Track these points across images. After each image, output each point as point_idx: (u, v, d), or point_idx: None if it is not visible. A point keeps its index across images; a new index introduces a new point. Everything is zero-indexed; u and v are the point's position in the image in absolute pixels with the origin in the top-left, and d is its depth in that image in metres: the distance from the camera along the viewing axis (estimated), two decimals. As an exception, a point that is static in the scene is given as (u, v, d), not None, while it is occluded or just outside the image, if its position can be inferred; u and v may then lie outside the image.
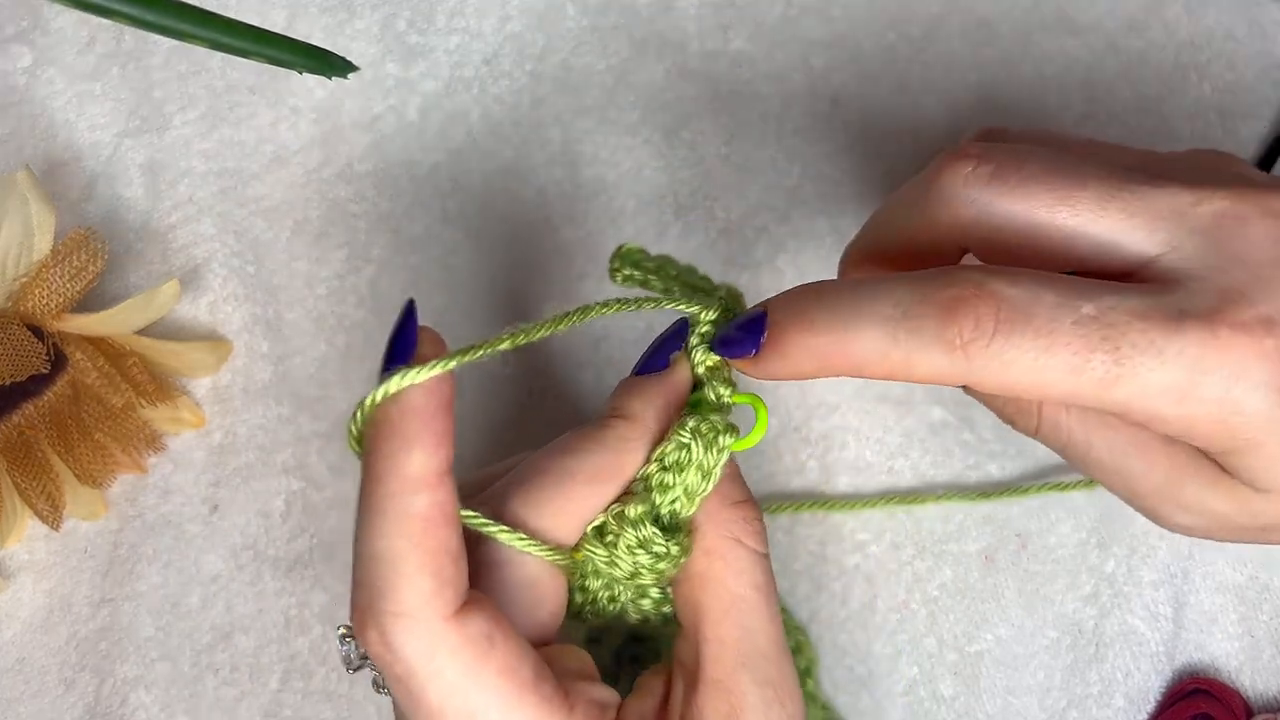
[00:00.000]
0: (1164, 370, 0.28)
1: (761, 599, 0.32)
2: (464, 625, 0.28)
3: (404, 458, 0.27)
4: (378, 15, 0.50)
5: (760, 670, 0.32)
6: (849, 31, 0.50)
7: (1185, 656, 0.46)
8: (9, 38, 0.50)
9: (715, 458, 0.33)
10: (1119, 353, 0.28)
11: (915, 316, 0.29)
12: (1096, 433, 0.33)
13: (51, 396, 0.45)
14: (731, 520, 0.33)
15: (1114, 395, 0.28)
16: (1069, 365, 0.28)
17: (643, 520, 0.33)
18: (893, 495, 0.47)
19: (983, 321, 0.28)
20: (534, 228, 0.48)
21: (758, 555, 0.33)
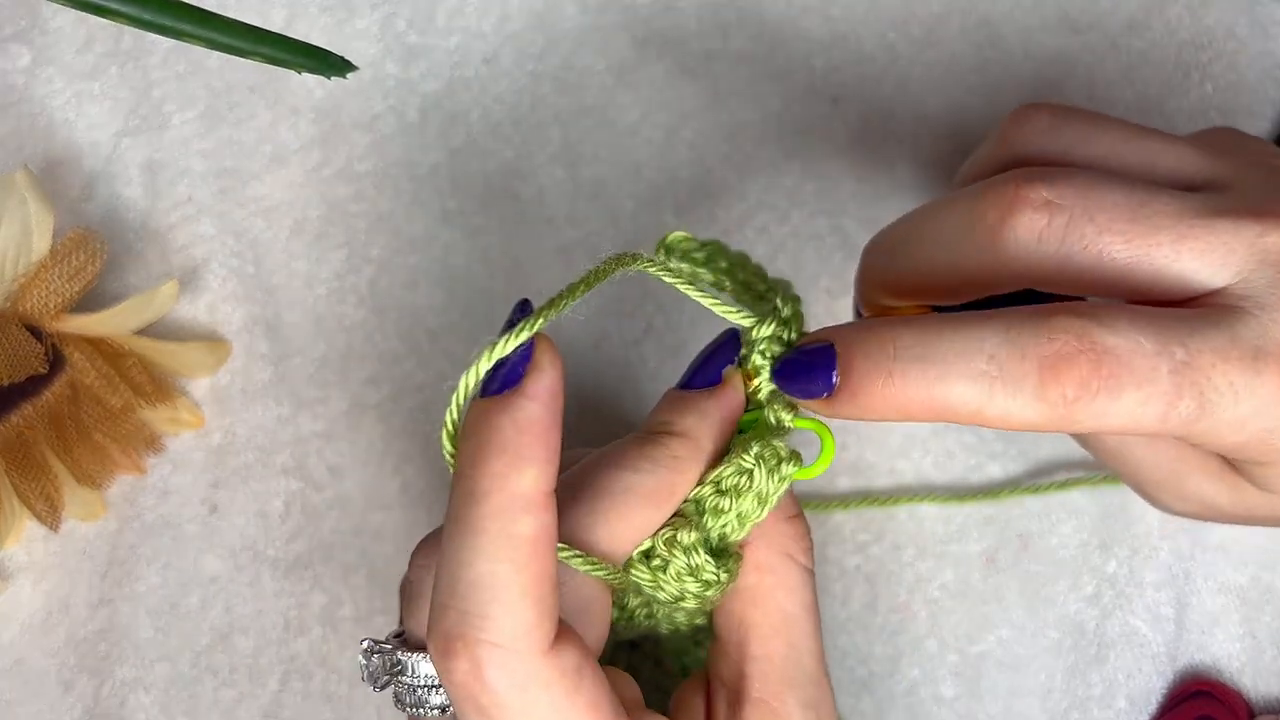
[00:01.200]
0: (1237, 408, 0.29)
1: (810, 618, 0.32)
2: (559, 658, 0.26)
3: (515, 476, 0.25)
4: (377, 15, 0.50)
5: (806, 692, 0.32)
6: (849, 31, 0.49)
7: (1187, 658, 0.45)
8: (7, 37, 0.50)
9: (776, 485, 0.32)
10: (1203, 397, 0.29)
11: (1014, 376, 0.29)
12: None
13: (50, 397, 0.44)
14: (785, 536, 0.33)
15: (1188, 430, 0.29)
16: (1160, 412, 0.29)
17: (695, 547, 0.31)
18: (890, 497, 0.46)
19: (1088, 381, 0.28)
20: (534, 228, 0.48)
21: (808, 573, 0.33)
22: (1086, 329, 0.29)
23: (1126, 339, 0.29)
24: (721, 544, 0.32)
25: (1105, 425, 0.29)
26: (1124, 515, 0.46)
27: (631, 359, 0.48)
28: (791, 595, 0.32)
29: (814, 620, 0.33)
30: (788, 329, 0.33)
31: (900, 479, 0.46)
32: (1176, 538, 0.46)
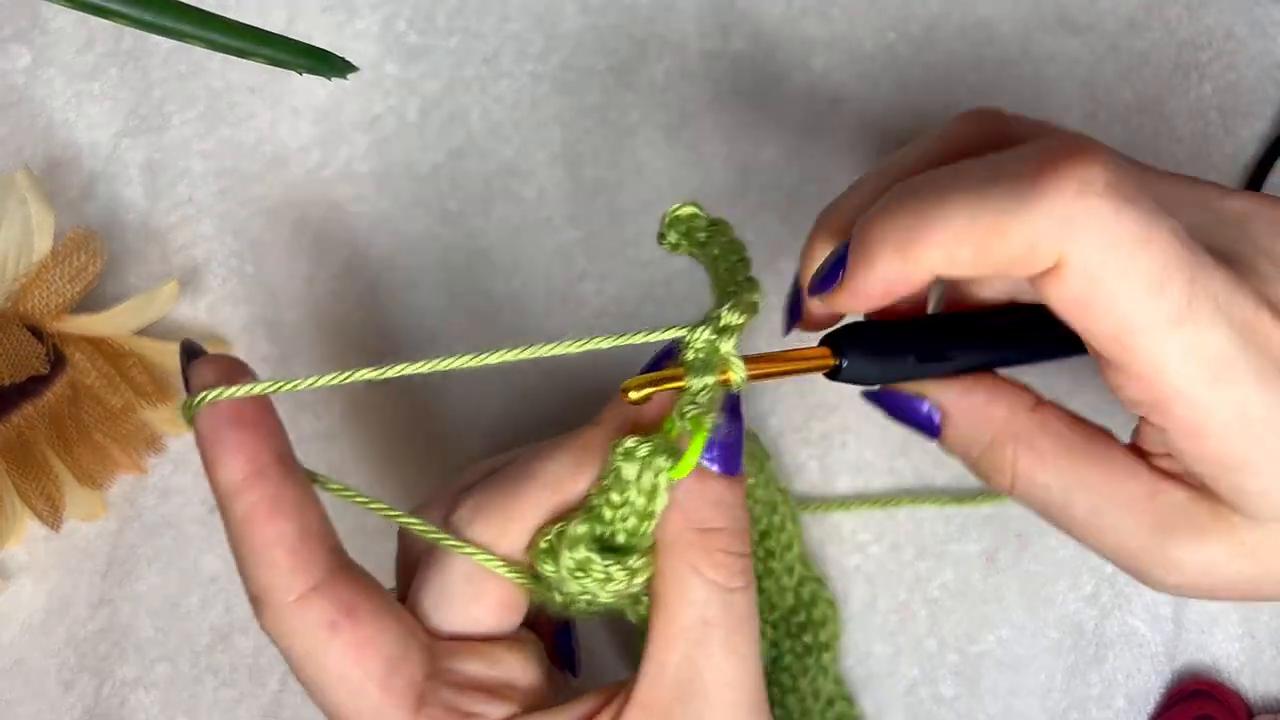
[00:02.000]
0: (1215, 329, 0.26)
1: (714, 635, 0.31)
2: (305, 610, 0.30)
3: (215, 474, 0.31)
4: (378, 15, 0.50)
5: (695, 709, 0.30)
6: (849, 32, 0.49)
7: (1186, 657, 0.45)
8: (8, 37, 0.50)
9: (651, 479, 0.31)
10: (1192, 287, 0.26)
11: (1005, 172, 0.27)
12: (1076, 491, 0.31)
13: (51, 397, 0.44)
14: (692, 546, 0.31)
15: (1168, 340, 0.26)
16: (1151, 277, 0.26)
17: (582, 541, 0.31)
18: (890, 497, 0.46)
19: (1091, 177, 0.26)
20: (534, 228, 0.48)
21: (715, 587, 0.31)
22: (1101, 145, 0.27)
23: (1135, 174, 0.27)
24: (630, 541, 0.32)
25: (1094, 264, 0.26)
26: (1123, 515, 0.46)
27: (632, 359, 0.48)
28: (689, 608, 0.31)
29: (724, 639, 0.31)
30: (723, 337, 0.32)
31: (900, 478, 0.46)
32: (1176, 537, 0.46)
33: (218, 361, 0.31)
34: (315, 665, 0.31)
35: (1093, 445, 0.32)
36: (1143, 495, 0.30)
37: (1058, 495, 0.31)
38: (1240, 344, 0.27)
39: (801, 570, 0.44)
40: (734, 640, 0.31)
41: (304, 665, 0.31)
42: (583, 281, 0.48)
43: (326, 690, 0.31)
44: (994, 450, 0.32)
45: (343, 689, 0.31)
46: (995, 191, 0.27)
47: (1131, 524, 0.30)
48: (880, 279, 0.29)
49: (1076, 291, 0.27)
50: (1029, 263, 0.27)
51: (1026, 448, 0.32)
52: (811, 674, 0.44)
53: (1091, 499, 0.31)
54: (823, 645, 0.44)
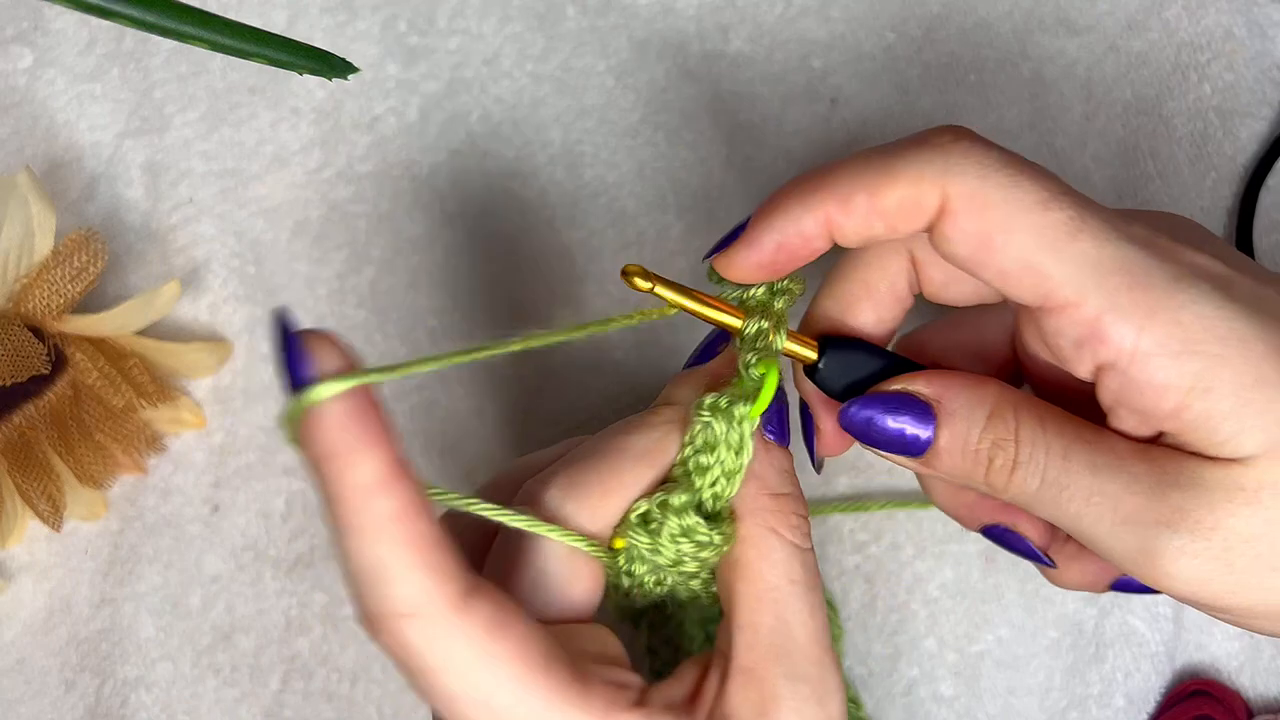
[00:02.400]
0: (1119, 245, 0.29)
1: (798, 592, 0.32)
2: (470, 613, 0.28)
3: (351, 475, 0.26)
4: (378, 16, 0.50)
5: (794, 664, 0.31)
6: (848, 32, 0.50)
7: (1186, 657, 0.46)
8: (9, 38, 0.50)
9: (737, 429, 0.33)
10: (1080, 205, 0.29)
11: (889, 145, 0.30)
12: (1074, 449, 0.31)
13: (52, 397, 0.45)
14: (769, 510, 0.33)
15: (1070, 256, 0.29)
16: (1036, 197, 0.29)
17: (686, 509, 0.33)
18: (889, 499, 0.47)
19: (960, 131, 0.30)
20: (535, 229, 0.48)
21: (795, 548, 0.33)
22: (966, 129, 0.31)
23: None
24: (716, 506, 0.33)
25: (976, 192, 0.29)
26: (1122, 515, 0.46)
27: (633, 360, 0.48)
28: (774, 568, 0.32)
29: (804, 594, 0.32)
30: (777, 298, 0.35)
31: (899, 476, 0.47)
32: (1175, 537, 0.46)
33: (337, 344, 0.28)
34: (485, 674, 0.28)
35: (1082, 420, 0.32)
36: (1137, 451, 0.31)
37: (1058, 455, 0.31)
38: (1148, 253, 0.29)
39: None
40: (814, 596, 0.32)
41: (468, 677, 0.28)
42: (583, 283, 0.48)
43: (494, 699, 0.28)
44: (995, 422, 0.32)
45: (515, 693, 0.28)
46: (881, 153, 0.30)
47: (1129, 480, 0.30)
48: (779, 230, 0.32)
49: (968, 226, 0.29)
50: (918, 207, 0.30)
51: (1026, 411, 0.32)
52: None
53: (1090, 455, 0.31)
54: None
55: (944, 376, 0.33)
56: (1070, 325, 0.29)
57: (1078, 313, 0.29)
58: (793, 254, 0.33)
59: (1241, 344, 0.29)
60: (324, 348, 0.27)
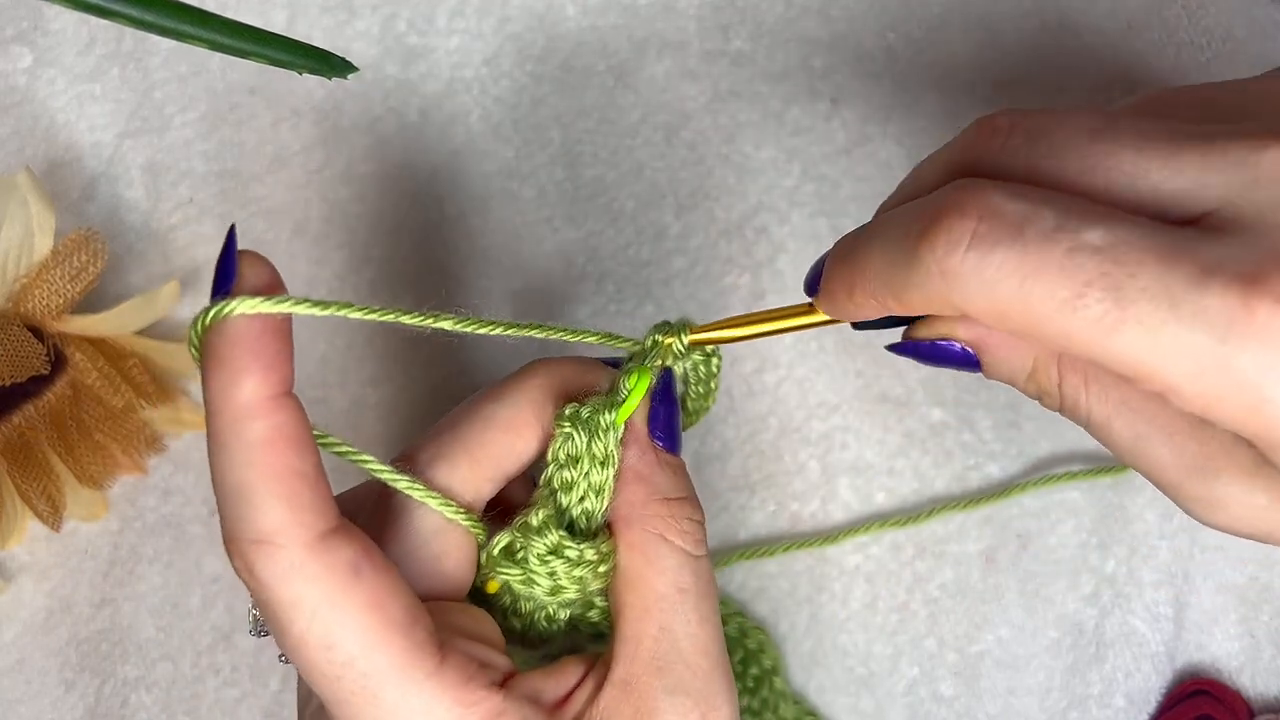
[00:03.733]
0: (1178, 331, 0.23)
1: (687, 601, 0.31)
2: (326, 552, 0.27)
3: (234, 389, 0.26)
4: (378, 16, 0.50)
5: (677, 677, 0.30)
6: (849, 32, 0.50)
7: (1186, 657, 0.46)
8: (9, 38, 0.50)
9: (602, 439, 0.32)
10: (1121, 294, 0.23)
11: (903, 237, 0.27)
12: (1117, 414, 0.29)
13: (52, 397, 0.45)
14: (658, 516, 0.32)
15: (1116, 347, 0.24)
16: (1060, 297, 0.24)
17: (547, 526, 0.31)
18: (887, 519, 0.46)
19: (955, 234, 0.25)
20: (534, 228, 0.48)
21: (686, 555, 0.32)
22: (982, 190, 0.25)
23: (1023, 205, 0.25)
24: (589, 523, 0.32)
25: (999, 302, 0.25)
26: (1123, 515, 0.46)
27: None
28: (662, 576, 0.31)
29: (694, 604, 0.31)
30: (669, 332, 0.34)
31: (899, 478, 0.47)
32: (1175, 537, 0.46)
33: (264, 265, 0.28)
34: (334, 617, 0.27)
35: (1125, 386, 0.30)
36: (1187, 426, 0.28)
37: (1099, 416, 0.30)
38: (1218, 339, 0.23)
39: (723, 609, 0.44)
40: (704, 606, 0.31)
41: (318, 619, 0.27)
42: (582, 281, 0.48)
43: (341, 646, 0.27)
44: (1038, 374, 0.30)
45: (363, 642, 0.27)
46: (896, 256, 0.27)
47: (1173, 457, 0.29)
48: (842, 310, 0.30)
49: (1001, 329, 0.26)
50: (943, 311, 0.27)
51: (1069, 367, 0.30)
52: (772, 704, 0.44)
53: (1134, 425, 0.29)
54: (770, 672, 0.44)
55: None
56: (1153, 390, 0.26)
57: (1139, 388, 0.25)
58: (865, 319, 0.30)
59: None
60: (254, 266, 0.28)
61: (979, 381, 0.47)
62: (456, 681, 0.28)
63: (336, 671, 0.27)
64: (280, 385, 0.27)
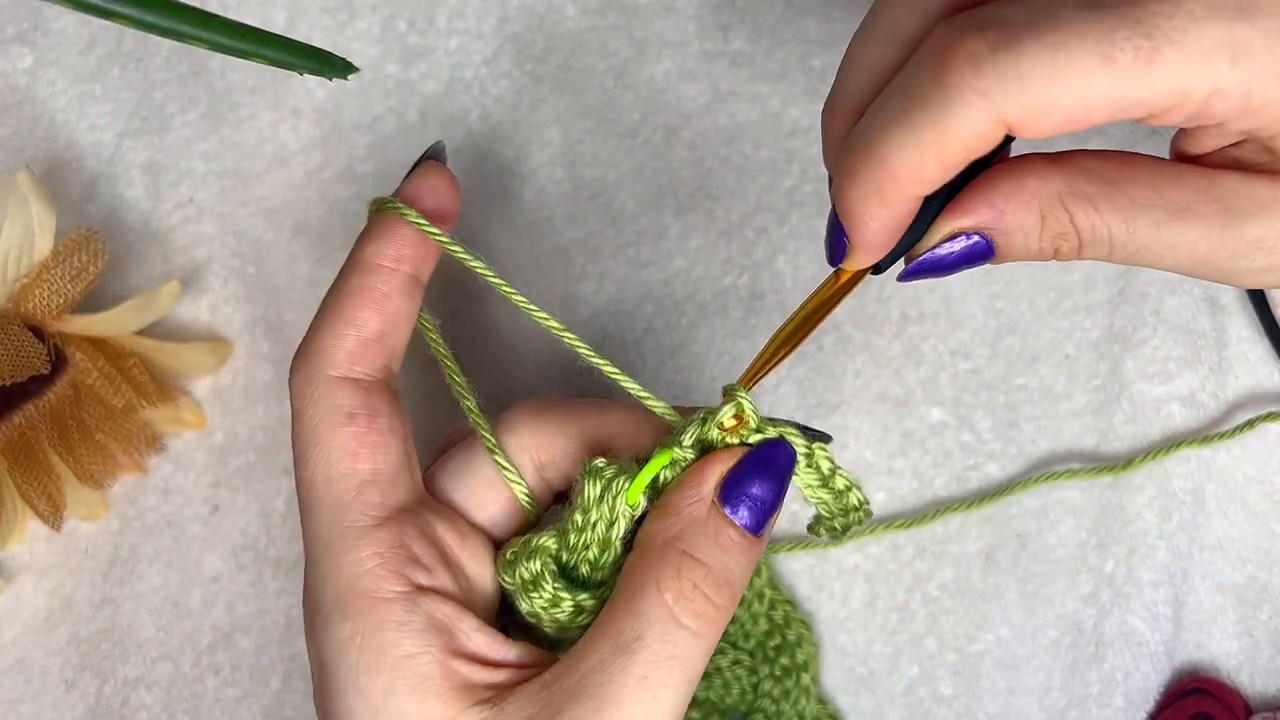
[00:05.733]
0: (1202, 29, 0.26)
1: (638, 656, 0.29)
2: (337, 389, 0.32)
3: (364, 246, 0.34)
4: (378, 16, 0.50)
5: (583, 713, 0.29)
6: (849, 31, 0.49)
7: (1185, 656, 0.46)
8: (10, 39, 0.50)
9: (610, 504, 0.31)
10: (1143, 24, 0.26)
11: (917, 92, 0.28)
12: (1135, 216, 0.30)
13: (52, 397, 0.45)
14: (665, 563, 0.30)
15: (1159, 76, 0.26)
16: (1095, 57, 0.26)
17: (541, 554, 0.31)
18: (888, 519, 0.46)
19: (975, 50, 0.26)
20: (534, 228, 0.48)
21: (666, 612, 0.30)
22: (969, 14, 0.27)
23: (1015, 7, 0.27)
24: (590, 571, 0.32)
25: (1041, 95, 0.26)
26: (1122, 515, 0.46)
27: (631, 359, 0.48)
28: (629, 618, 0.30)
29: (649, 667, 0.29)
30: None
31: (899, 478, 0.47)
32: (1174, 537, 0.46)
33: (443, 191, 0.35)
34: (315, 438, 0.32)
35: (1129, 167, 0.31)
36: (1199, 193, 0.30)
37: (1120, 230, 0.30)
38: (1236, 18, 0.26)
39: (772, 594, 0.45)
40: (655, 673, 0.29)
41: (306, 433, 0.32)
42: (582, 282, 0.48)
43: (310, 465, 0.32)
44: (1049, 222, 0.31)
45: (324, 472, 0.32)
46: (917, 116, 0.28)
47: (1199, 226, 0.30)
48: (879, 230, 0.30)
49: (1046, 127, 0.27)
50: (987, 144, 0.28)
51: (1073, 198, 0.30)
52: (794, 696, 0.44)
53: (1152, 217, 0.30)
54: (801, 666, 0.44)
55: (983, 197, 0.31)
56: (1189, 121, 0.28)
57: (1183, 112, 0.27)
58: (899, 232, 0.31)
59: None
60: (435, 190, 0.35)
61: (978, 381, 0.47)
62: (371, 552, 0.31)
63: (300, 483, 0.32)
64: (395, 261, 0.34)
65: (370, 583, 0.31)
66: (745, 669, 0.44)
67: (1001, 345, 0.47)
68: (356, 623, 0.30)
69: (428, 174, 0.35)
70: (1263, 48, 0.26)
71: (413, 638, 0.30)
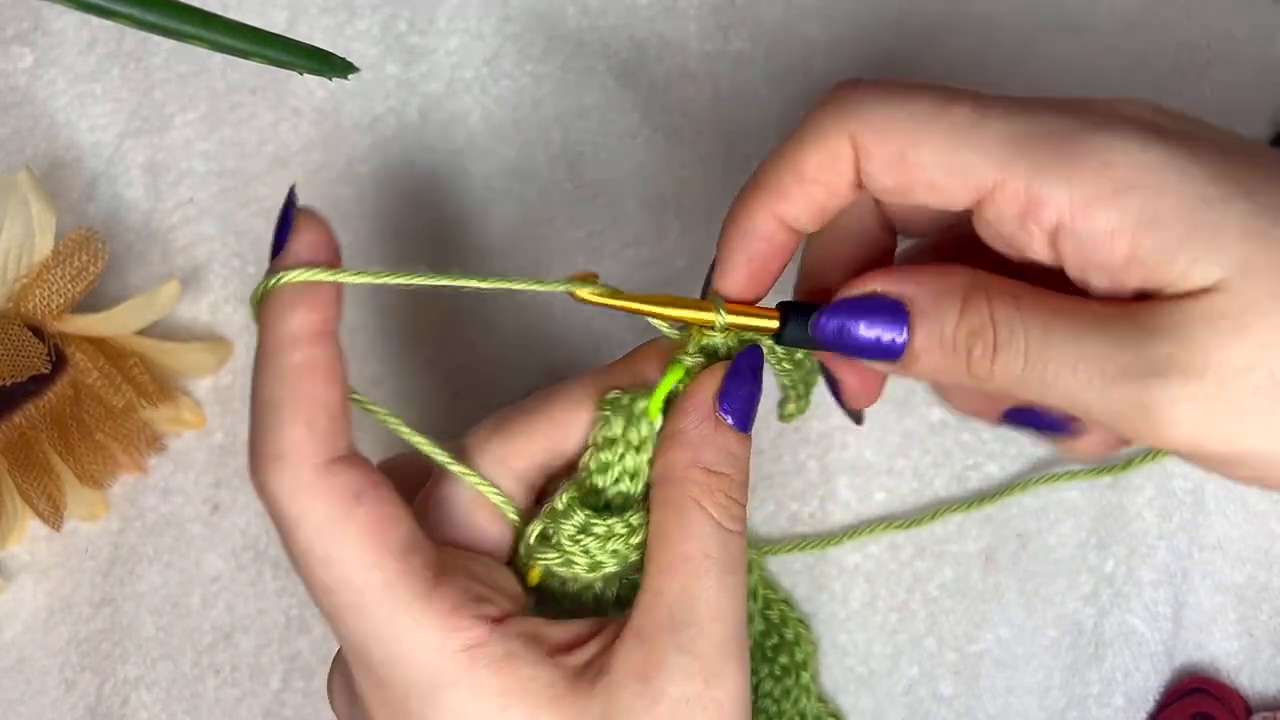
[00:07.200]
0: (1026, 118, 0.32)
1: (711, 568, 0.31)
2: (332, 475, 0.30)
3: (281, 321, 0.30)
4: (378, 16, 0.50)
5: (689, 639, 0.31)
6: (849, 33, 0.50)
7: (1184, 656, 0.46)
8: (10, 38, 0.50)
9: (636, 425, 0.33)
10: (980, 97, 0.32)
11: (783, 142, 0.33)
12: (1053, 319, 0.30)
13: (52, 397, 0.45)
14: (697, 482, 0.32)
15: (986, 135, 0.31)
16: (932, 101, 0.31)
17: (572, 507, 0.32)
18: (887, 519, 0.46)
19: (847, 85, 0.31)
20: (535, 229, 0.48)
21: (716, 525, 0.32)
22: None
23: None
24: (624, 504, 0.33)
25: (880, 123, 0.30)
26: (1121, 514, 0.46)
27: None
28: (689, 539, 0.32)
29: (718, 575, 0.31)
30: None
31: (899, 478, 0.47)
32: (1174, 537, 0.46)
33: (315, 234, 0.32)
34: (334, 536, 0.30)
35: (1049, 290, 0.31)
36: (1115, 309, 0.29)
37: (1038, 331, 0.30)
38: (1061, 114, 0.30)
39: (767, 593, 0.45)
40: (728, 579, 0.32)
41: (317, 535, 0.30)
42: (583, 281, 0.48)
43: (338, 565, 0.30)
44: (969, 311, 0.30)
45: (359, 561, 0.30)
46: (779, 149, 0.32)
47: (1113, 337, 0.29)
48: (741, 249, 0.33)
49: (880, 155, 0.30)
50: (836, 160, 0.31)
51: (997, 291, 0.30)
52: (794, 695, 0.44)
53: (1069, 323, 0.30)
54: (800, 664, 0.44)
55: (910, 272, 0.32)
56: (1007, 205, 0.29)
57: (1007, 189, 0.29)
58: (765, 261, 0.33)
59: (1178, 172, 0.28)
60: (305, 237, 0.32)
61: (978, 381, 0.47)
62: (445, 609, 0.30)
63: (332, 585, 0.30)
64: (323, 325, 0.31)
65: (460, 639, 0.30)
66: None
67: (1001, 345, 0.47)
68: (468, 680, 0.30)
69: (310, 226, 0.33)
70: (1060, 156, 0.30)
71: (522, 661, 0.30)
